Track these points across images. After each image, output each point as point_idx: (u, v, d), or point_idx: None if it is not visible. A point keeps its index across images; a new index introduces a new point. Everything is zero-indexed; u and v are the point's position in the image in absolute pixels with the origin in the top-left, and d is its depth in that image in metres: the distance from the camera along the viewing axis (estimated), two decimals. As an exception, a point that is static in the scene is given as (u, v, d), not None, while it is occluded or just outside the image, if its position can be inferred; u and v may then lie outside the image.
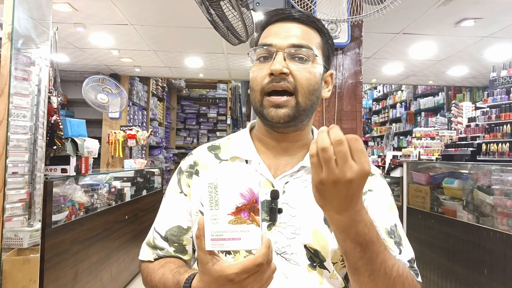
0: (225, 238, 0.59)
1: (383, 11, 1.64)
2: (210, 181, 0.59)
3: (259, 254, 0.57)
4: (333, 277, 0.79)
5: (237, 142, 0.90)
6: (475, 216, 2.89)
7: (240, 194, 0.59)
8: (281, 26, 0.83)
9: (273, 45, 0.80)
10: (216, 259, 0.60)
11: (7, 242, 2.00)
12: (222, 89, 8.92)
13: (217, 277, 0.59)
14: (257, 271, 0.58)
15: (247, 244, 0.59)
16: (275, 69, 0.76)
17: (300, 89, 0.79)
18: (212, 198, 0.59)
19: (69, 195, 2.62)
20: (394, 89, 8.59)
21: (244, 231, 0.58)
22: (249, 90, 0.85)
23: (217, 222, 0.59)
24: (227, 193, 0.59)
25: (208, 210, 0.59)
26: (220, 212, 0.59)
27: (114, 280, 3.31)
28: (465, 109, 4.22)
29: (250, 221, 0.58)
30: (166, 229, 0.87)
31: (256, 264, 0.57)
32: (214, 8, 1.75)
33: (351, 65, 2.55)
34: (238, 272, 0.57)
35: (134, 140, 4.79)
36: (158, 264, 0.84)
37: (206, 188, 0.59)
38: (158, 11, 3.62)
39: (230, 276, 0.58)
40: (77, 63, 5.61)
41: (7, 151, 1.92)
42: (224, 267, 0.58)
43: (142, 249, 0.89)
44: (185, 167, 0.91)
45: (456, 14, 3.58)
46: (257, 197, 0.59)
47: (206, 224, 0.59)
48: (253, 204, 0.58)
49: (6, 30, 1.94)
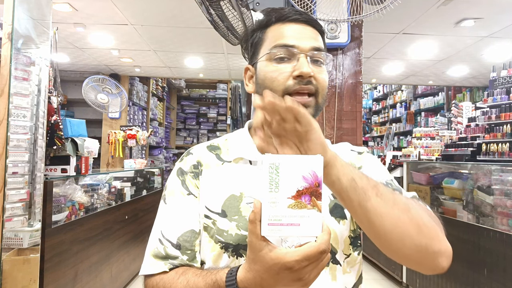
0: (283, 224, 0.55)
1: (383, 11, 1.64)
2: (272, 161, 0.55)
3: (322, 241, 0.55)
4: (346, 272, 0.80)
5: (238, 143, 0.89)
6: (475, 216, 2.89)
7: (302, 177, 0.55)
8: (295, 27, 0.82)
9: (296, 47, 0.79)
10: (272, 246, 0.56)
11: (7, 242, 2.00)
12: (222, 89, 8.92)
13: (272, 265, 0.56)
14: (318, 259, 0.56)
15: (306, 230, 0.55)
16: (306, 72, 0.77)
17: (321, 91, 0.81)
18: (272, 179, 0.55)
19: (69, 195, 2.62)
20: (394, 89, 8.59)
21: (304, 216, 0.55)
22: (262, 89, 0.81)
23: (275, 205, 0.55)
24: (289, 175, 0.55)
25: (267, 192, 0.55)
26: (279, 195, 0.55)
27: (114, 280, 3.31)
28: (465, 109, 4.22)
29: (311, 206, 0.55)
30: (178, 235, 0.80)
31: (319, 251, 0.55)
32: (214, 8, 1.75)
33: (351, 65, 2.55)
34: (299, 259, 0.54)
35: (134, 140, 4.79)
36: (176, 273, 0.75)
37: (266, 169, 0.55)
38: (158, 11, 3.62)
39: (289, 264, 0.55)
40: (77, 63, 5.61)
41: (7, 151, 1.92)
42: (282, 254, 0.55)
43: (147, 262, 0.80)
44: (187, 168, 0.87)
45: (456, 14, 3.58)
46: (320, 181, 0.55)
47: (264, 207, 0.55)
48: (315, 188, 0.55)
49: (6, 30, 1.94)
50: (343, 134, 2.48)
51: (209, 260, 0.79)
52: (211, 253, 0.78)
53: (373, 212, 0.64)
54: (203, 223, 0.81)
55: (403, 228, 0.65)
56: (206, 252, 0.80)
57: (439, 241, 0.68)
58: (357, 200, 0.63)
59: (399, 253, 0.68)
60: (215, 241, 0.78)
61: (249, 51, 0.89)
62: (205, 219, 0.81)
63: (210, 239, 0.79)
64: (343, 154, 0.90)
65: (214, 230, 0.79)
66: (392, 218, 0.64)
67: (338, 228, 0.80)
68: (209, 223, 0.80)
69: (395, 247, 0.67)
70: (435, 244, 0.67)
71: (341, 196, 0.64)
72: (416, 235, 0.65)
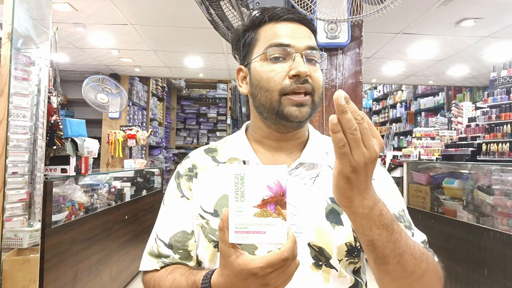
0: (250, 231, 0.57)
1: (383, 11, 1.63)
2: (237, 172, 0.57)
3: (285, 248, 0.56)
4: (342, 276, 0.78)
5: (234, 144, 0.89)
6: (475, 216, 2.89)
7: (267, 186, 0.57)
8: (288, 26, 0.82)
9: (291, 46, 0.79)
10: (240, 252, 0.59)
11: (7, 242, 1.99)
12: (222, 89, 8.92)
13: (239, 270, 0.58)
14: (282, 266, 0.57)
15: (272, 238, 0.57)
16: (303, 72, 0.77)
17: (317, 89, 0.81)
18: (238, 189, 0.57)
19: (69, 195, 2.62)
20: (394, 89, 8.59)
21: (270, 224, 0.57)
22: (257, 89, 0.82)
23: (242, 214, 0.57)
24: (254, 185, 0.57)
25: (233, 201, 0.57)
26: (245, 204, 0.57)
27: (114, 280, 3.31)
28: (465, 109, 4.22)
29: (276, 214, 0.57)
30: (170, 235, 0.84)
31: (282, 259, 0.56)
32: (214, 8, 1.75)
33: (351, 65, 2.55)
34: (263, 266, 0.56)
35: (134, 140, 4.79)
36: (166, 271, 0.81)
37: (232, 179, 0.57)
38: (158, 11, 3.62)
39: (254, 270, 0.56)
40: (77, 63, 5.61)
41: (7, 151, 1.92)
42: (248, 261, 0.57)
43: (144, 259, 0.86)
44: (183, 171, 0.90)
45: (456, 14, 3.58)
46: (285, 190, 0.57)
47: (231, 215, 0.57)
48: (280, 197, 0.57)
49: (6, 30, 1.94)
50: (343, 134, 2.47)
51: (206, 259, 0.81)
52: (206, 252, 0.80)
53: (387, 274, 0.67)
54: (199, 224, 0.83)
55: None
56: (202, 251, 0.81)
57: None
58: (379, 256, 0.65)
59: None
60: (209, 241, 0.80)
61: (241, 51, 0.87)
62: (200, 219, 0.82)
63: (205, 238, 0.81)
64: None
65: (208, 230, 0.81)
66: (402, 285, 0.68)
67: (332, 233, 0.78)
68: (204, 223, 0.82)
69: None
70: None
71: (367, 245, 0.65)
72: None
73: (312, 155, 0.85)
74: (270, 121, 0.83)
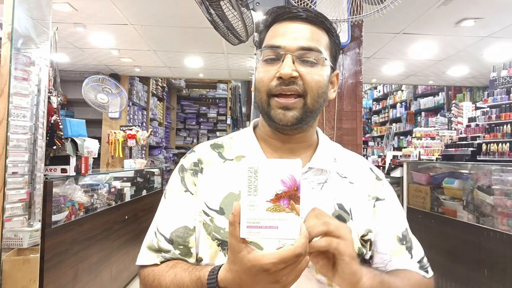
0: (262, 226, 0.56)
1: (383, 11, 1.63)
2: (251, 165, 0.56)
3: (298, 244, 0.55)
4: None
5: (242, 141, 0.88)
6: (475, 216, 2.89)
7: (281, 181, 0.56)
8: (288, 26, 0.80)
9: (282, 47, 0.78)
10: (251, 248, 0.57)
11: (7, 242, 1.99)
12: (222, 89, 8.92)
13: (250, 266, 0.56)
14: (295, 262, 0.56)
15: (284, 233, 0.56)
16: (284, 73, 0.75)
17: (310, 92, 0.78)
18: (251, 183, 0.56)
19: (69, 195, 2.62)
20: (394, 89, 8.59)
21: (283, 219, 0.56)
22: (254, 90, 0.84)
23: (254, 208, 0.56)
24: (268, 179, 0.56)
25: (246, 195, 0.56)
26: (258, 199, 0.56)
27: (114, 280, 3.31)
28: (465, 109, 4.22)
29: (289, 209, 0.56)
30: (171, 230, 0.81)
31: (295, 255, 0.55)
32: (214, 8, 1.75)
33: (351, 65, 2.55)
34: (275, 262, 0.55)
35: (134, 140, 4.79)
36: (166, 266, 0.78)
37: (245, 172, 0.56)
38: (158, 11, 3.62)
39: (266, 266, 0.55)
40: (77, 63, 5.61)
41: (7, 151, 1.92)
42: (260, 256, 0.56)
43: (142, 253, 0.83)
44: (188, 165, 0.87)
45: (456, 14, 3.58)
46: (299, 185, 0.56)
47: (243, 210, 0.56)
48: (293, 192, 0.56)
49: (6, 30, 1.94)
50: (343, 134, 2.48)
51: (207, 257, 0.79)
52: (208, 250, 0.79)
53: None
54: (202, 220, 0.81)
55: None
56: (204, 249, 0.80)
57: None
58: None
59: None
60: (212, 238, 0.78)
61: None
62: (203, 216, 0.81)
63: (208, 236, 0.79)
64: (360, 170, 0.88)
65: (212, 227, 0.79)
66: None
67: None
68: (207, 220, 0.80)
69: None
70: None
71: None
72: None
73: (322, 161, 0.84)
74: (266, 122, 0.84)
